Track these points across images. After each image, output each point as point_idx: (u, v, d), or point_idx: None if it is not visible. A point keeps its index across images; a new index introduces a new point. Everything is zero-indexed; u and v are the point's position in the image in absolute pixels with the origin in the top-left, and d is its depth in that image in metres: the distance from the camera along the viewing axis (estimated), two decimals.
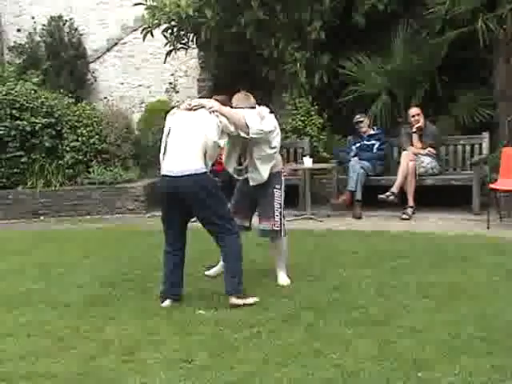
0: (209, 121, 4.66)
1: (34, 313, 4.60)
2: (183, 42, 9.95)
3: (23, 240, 7.71)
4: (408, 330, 3.90)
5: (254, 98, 5.09)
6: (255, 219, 5.29)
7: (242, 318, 4.22)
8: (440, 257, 5.77)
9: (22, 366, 3.59)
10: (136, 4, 9.69)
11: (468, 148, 8.64)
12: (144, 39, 9.76)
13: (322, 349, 3.64)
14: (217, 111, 4.69)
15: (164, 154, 4.68)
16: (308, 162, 8.22)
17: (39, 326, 4.31)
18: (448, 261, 5.61)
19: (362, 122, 8.84)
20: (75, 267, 6.01)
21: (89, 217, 9.36)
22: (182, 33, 9.78)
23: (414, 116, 8.50)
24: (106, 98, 12.10)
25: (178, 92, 11.67)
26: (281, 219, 5.08)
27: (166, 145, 4.69)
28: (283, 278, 5.15)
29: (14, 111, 9.50)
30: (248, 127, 4.76)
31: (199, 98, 6.36)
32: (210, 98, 5.03)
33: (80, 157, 9.74)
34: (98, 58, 12.27)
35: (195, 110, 4.72)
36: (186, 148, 4.58)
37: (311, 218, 8.14)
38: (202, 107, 4.72)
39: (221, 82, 9.97)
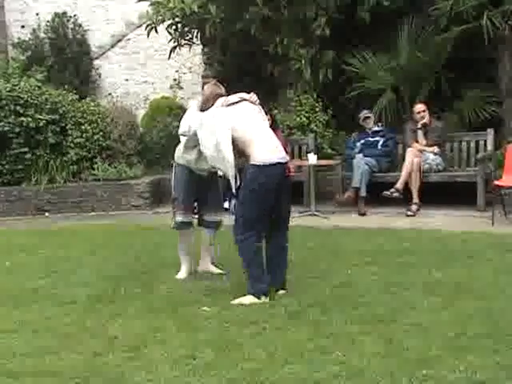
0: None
1: (40, 310, 4.60)
2: (187, 38, 9.95)
3: (28, 237, 7.71)
4: (413, 327, 3.90)
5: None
6: None
7: (247, 315, 4.21)
8: (445, 254, 5.76)
9: (28, 363, 3.59)
10: (140, 0, 9.70)
11: (473, 145, 8.62)
12: (148, 35, 9.75)
13: (328, 346, 3.64)
14: None
15: (235, 147, 4.58)
16: (312, 159, 8.21)
17: (45, 322, 4.31)
18: (453, 258, 5.59)
19: (369, 117, 8.84)
20: (80, 264, 6.01)
21: (93, 213, 9.36)
22: (187, 29, 9.78)
23: (419, 112, 8.49)
24: (110, 94, 12.09)
25: (182, 88, 11.68)
26: None
27: (230, 138, 4.57)
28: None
29: (18, 107, 9.48)
30: None
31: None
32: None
33: (84, 153, 9.72)
34: (103, 54, 12.28)
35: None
36: (273, 137, 4.76)
37: (316, 215, 8.13)
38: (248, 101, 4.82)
39: (225, 79, 9.95)
